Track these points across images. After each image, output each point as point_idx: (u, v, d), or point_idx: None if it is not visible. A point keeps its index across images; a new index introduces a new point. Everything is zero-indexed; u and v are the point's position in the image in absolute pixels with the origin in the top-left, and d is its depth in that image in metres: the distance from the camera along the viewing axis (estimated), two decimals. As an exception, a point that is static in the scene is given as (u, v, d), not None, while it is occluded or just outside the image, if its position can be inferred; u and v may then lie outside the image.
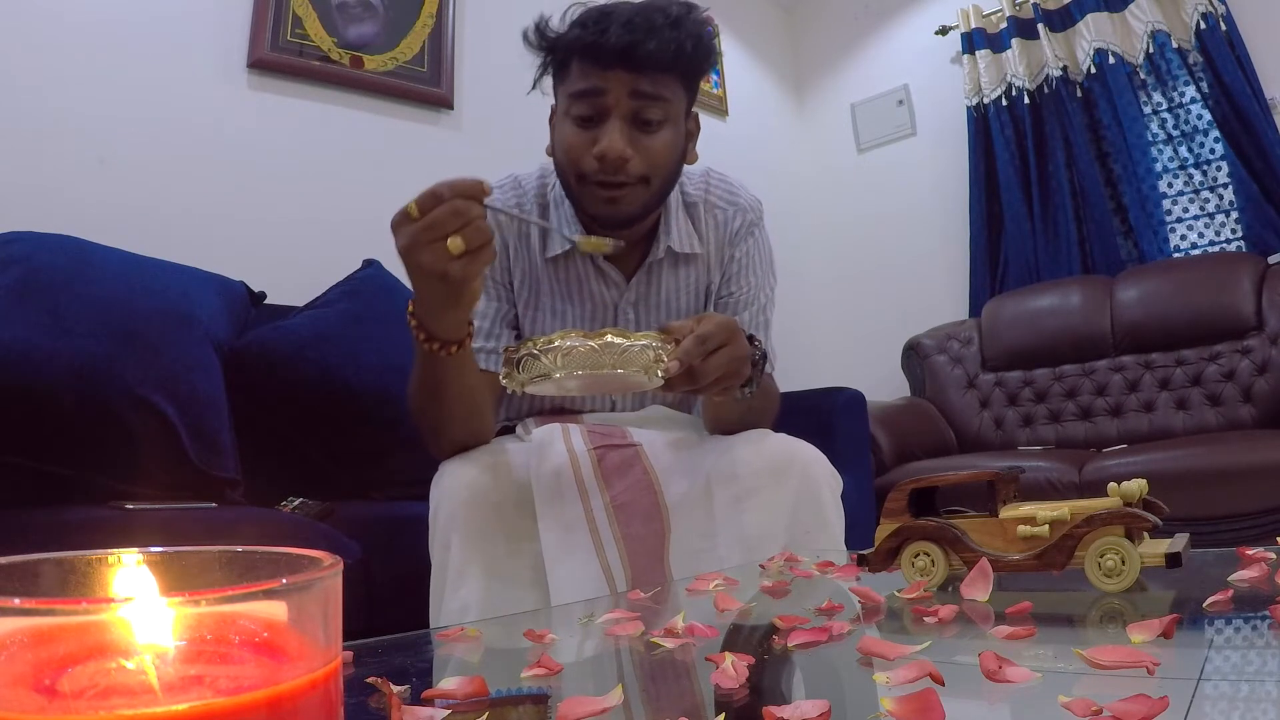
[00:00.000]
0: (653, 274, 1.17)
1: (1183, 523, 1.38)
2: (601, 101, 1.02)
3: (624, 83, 1.01)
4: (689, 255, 1.17)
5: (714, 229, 1.19)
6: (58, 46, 1.78)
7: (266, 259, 1.97)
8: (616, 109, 1.02)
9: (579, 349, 0.86)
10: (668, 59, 1.02)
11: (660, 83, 1.03)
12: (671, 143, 1.08)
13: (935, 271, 3.43)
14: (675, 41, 1.01)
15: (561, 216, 1.13)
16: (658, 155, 1.05)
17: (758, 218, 1.22)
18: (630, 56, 1.00)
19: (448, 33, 2.47)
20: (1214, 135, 2.83)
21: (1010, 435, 2.89)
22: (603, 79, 1.01)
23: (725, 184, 1.22)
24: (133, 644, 0.21)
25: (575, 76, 1.04)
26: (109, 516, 1.17)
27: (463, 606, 0.95)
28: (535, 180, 1.18)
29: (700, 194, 1.20)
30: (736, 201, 1.21)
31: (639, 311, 1.17)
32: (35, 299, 1.29)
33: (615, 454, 1.03)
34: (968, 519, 0.75)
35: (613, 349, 0.86)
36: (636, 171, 1.04)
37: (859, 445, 2.22)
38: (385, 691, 0.49)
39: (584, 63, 1.03)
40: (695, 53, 1.05)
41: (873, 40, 3.70)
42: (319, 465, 1.66)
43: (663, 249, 1.14)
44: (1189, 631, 0.54)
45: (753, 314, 1.20)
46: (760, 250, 1.22)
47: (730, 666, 0.50)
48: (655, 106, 1.04)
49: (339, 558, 0.25)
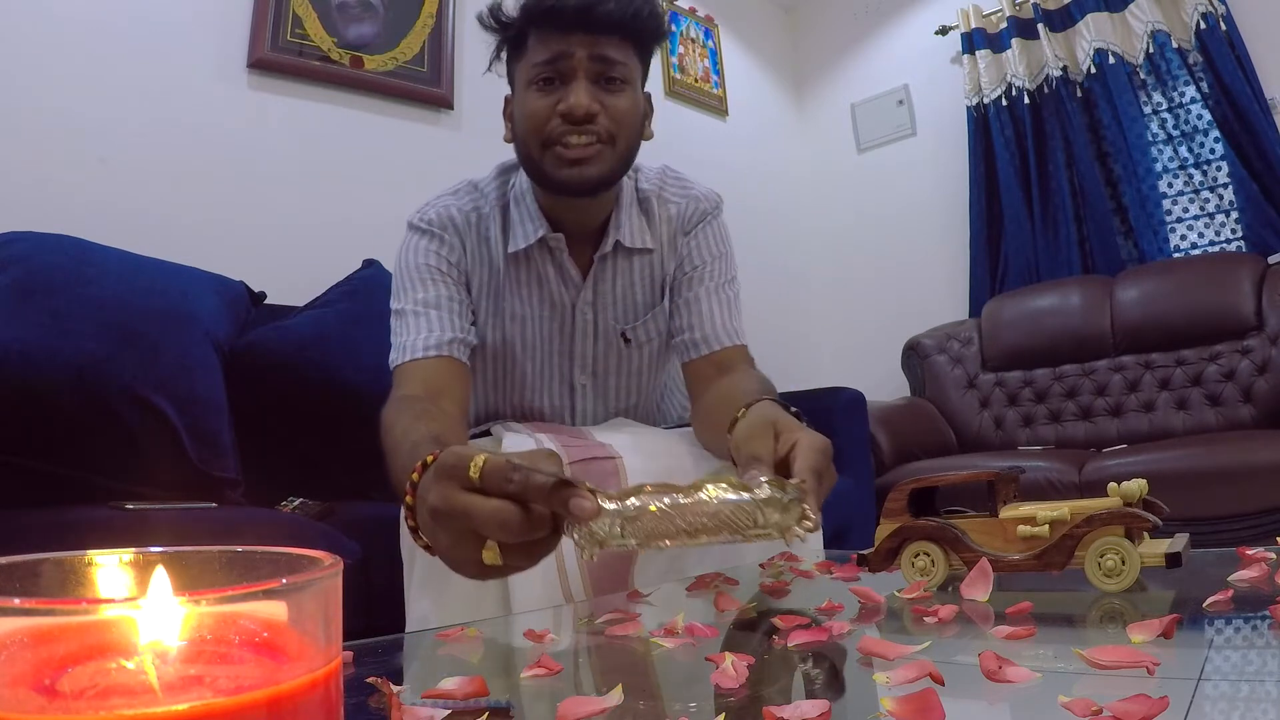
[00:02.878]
0: (606, 270, 1.15)
1: (1183, 523, 1.38)
2: (564, 65, 1.03)
3: (584, 44, 1.02)
4: (641, 250, 1.16)
5: (667, 222, 1.17)
6: (58, 46, 1.78)
7: (266, 259, 1.97)
8: (579, 69, 1.03)
9: (691, 508, 0.59)
10: (624, 20, 1.03)
11: (619, 47, 1.04)
12: (633, 107, 1.07)
13: (935, 271, 3.43)
14: (631, 6, 1.03)
15: (524, 213, 1.12)
16: (623, 114, 1.05)
17: (712, 207, 1.20)
18: (589, 17, 1.01)
19: (448, 33, 2.47)
20: (1214, 135, 2.83)
21: (1010, 435, 2.89)
22: (564, 42, 1.02)
23: (680, 180, 1.21)
24: (133, 644, 0.21)
25: (534, 47, 1.04)
26: (109, 516, 1.17)
27: (422, 617, 0.95)
28: (493, 182, 1.16)
29: (654, 189, 1.18)
30: (690, 194, 1.19)
31: (597, 311, 1.16)
32: (35, 299, 1.29)
33: (595, 466, 0.98)
34: (968, 519, 0.75)
35: (743, 511, 0.61)
36: (604, 127, 1.04)
37: (859, 445, 2.22)
38: (385, 691, 0.49)
39: (543, 31, 1.03)
40: (649, 18, 1.06)
41: (873, 40, 3.70)
42: (319, 465, 1.66)
43: (611, 243, 1.13)
44: (1189, 631, 0.54)
45: (709, 289, 1.15)
46: (715, 235, 1.19)
47: (730, 666, 0.50)
48: (616, 69, 1.04)
49: (339, 558, 0.25)
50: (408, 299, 1.09)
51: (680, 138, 2.95)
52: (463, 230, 1.12)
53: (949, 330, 3.15)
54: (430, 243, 1.11)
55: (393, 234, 2.33)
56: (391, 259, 1.16)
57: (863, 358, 3.44)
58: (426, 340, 1.06)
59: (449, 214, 1.12)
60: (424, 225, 1.12)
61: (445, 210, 1.12)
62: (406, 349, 1.06)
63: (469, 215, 1.13)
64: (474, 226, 1.13)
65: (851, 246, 3.68)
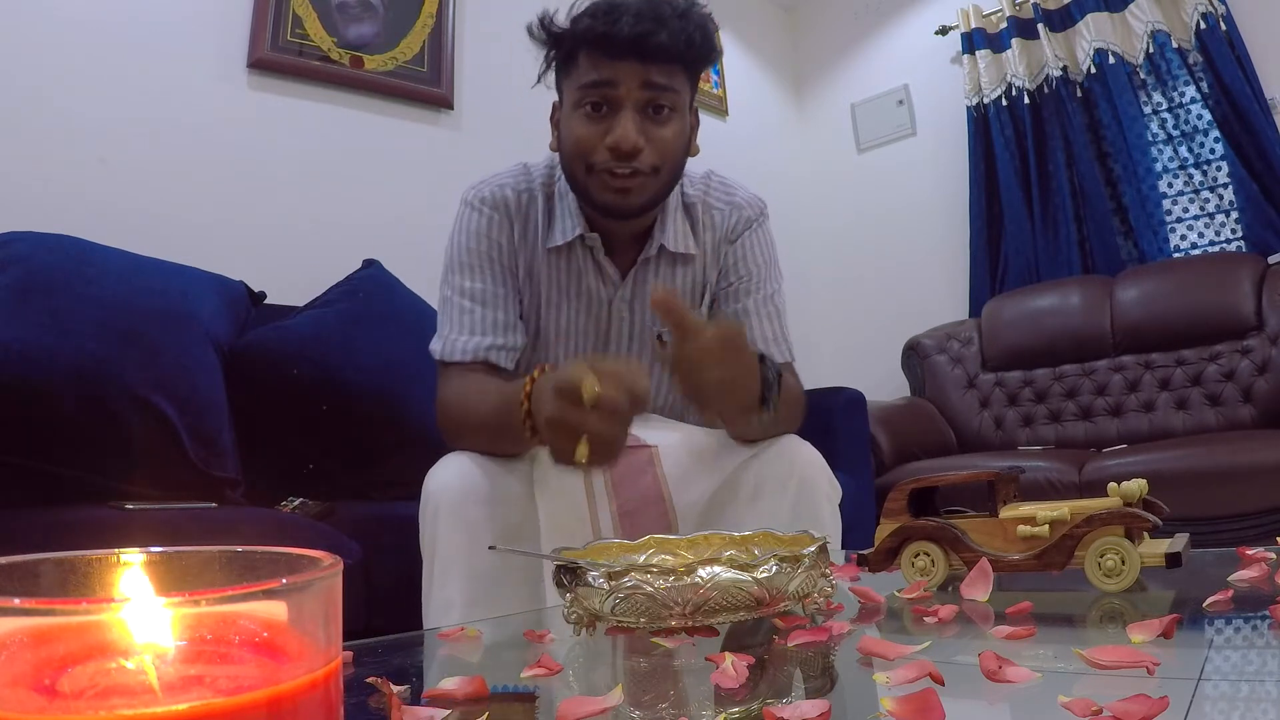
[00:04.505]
0: (648, 272, 1.16)
1: (1183, 523, 1.38)
2: (613, 92, 1.03)
3: (635, 73, 1.02)
4: (684, 255, 1.17)
5: (711, 229, 1.19)
6: (58, 46, 1.78)
7: (266, 259, 1.97)
8: (628, 99, 1.03)
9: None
10: (678, 50, 1.02)
11: (669, 74, 1.04)
12: (680, 133, 1.08)
13: (935, 271, 3.43)
14: (684, 33, 1.02)
15: (565, 208, 1.13)
16: (668, 145, 1.06)
17: (757, 214, 1.21)
18: (641, 47, 1.00)
19: (448, 33, 2.47)
20: (1214, 135, 2.83)
21: (1010, 435, 2.89)
22: (614, 70, 1.02)
23: (725, 186, 1.22)
24: (133, 644, 0.21)
25: (584, 68, 1.04)
26: (109, 516, 1.17)
27: (446, 603, 0.94)
28: (543, 170, 1.17)
29: (699, 195, 1.19)
30: (734, 201, 1.20)
31: (634, 309, 1.17)
32: (35, 299, 1.29)
33: (628, 457, 1.01)
34: (968, 519, 0.75)
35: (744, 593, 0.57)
36: (648, 162, 1.04)
37: (859, 445, 2.22)
38: (385, 691, 0.49)
39: (594, 54, 1.03)
40: (702, 45, 1.06)
41: (873, 40, 3.70)
42: (319, 465, 1.66)
43: (655, 246, 1.14)
44: (1189, 631, 0.54)
45: (758, 302, 1.17)
46: (761, 242, 1.20)
47: (730, 666, 0.50)
48: (665, 97, 1.04)
49: (339, 558, 0.25)
50: (455, 284, 1.12)
51: (680, 138, 2.95)
52: (514, 212, 1.14)
53: (949, 330, 3.15)
54: (481, 222, 1.12)
55: (393, 234, 2.34)
56: (391, 259, 1.16)
57: (863, 358, 3.44)
58: (466, 344, 1.08)
59: (503, 194, 1.13)
60: (477, 203, 1.13)
61: (500, 190, 1.14)
62: (447, 344, 1.09)
63: (521, 196, 1.14)
64: (524, 209, 1.14)
65: (851, 246, 3.67)
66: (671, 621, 0.58)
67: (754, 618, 0.61)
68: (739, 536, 0.76)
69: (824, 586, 0.63)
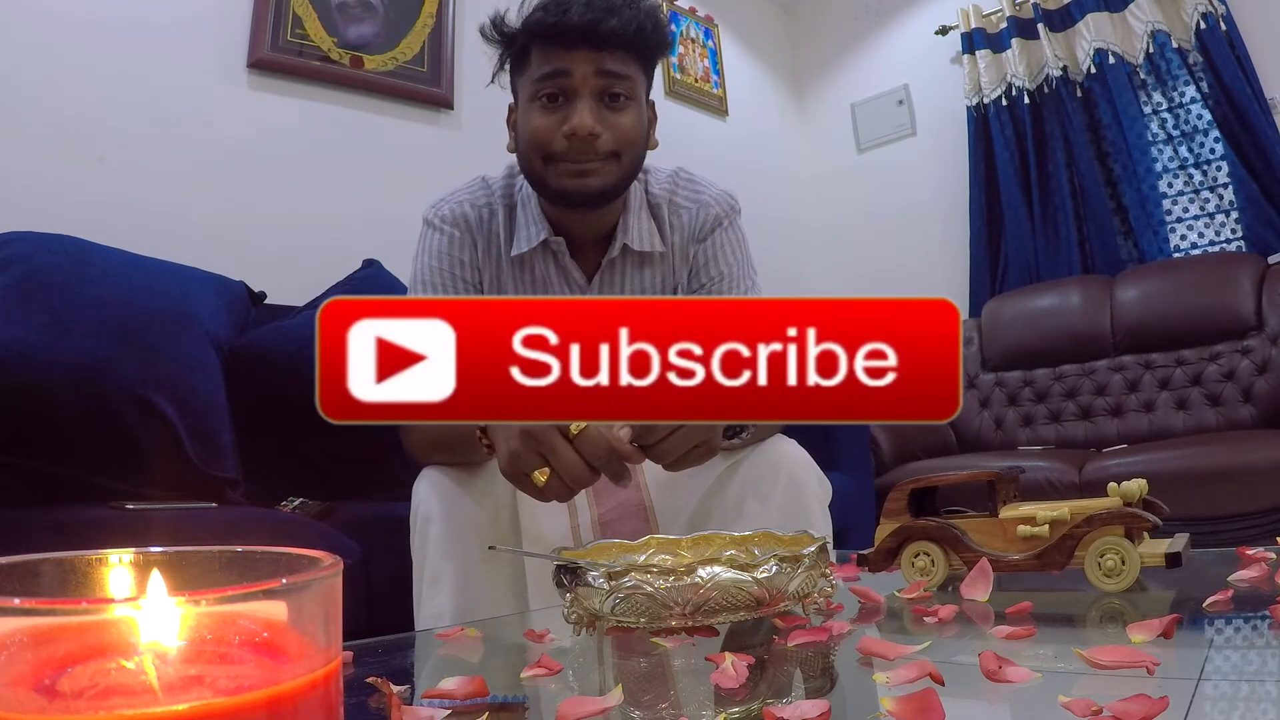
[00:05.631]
0: (614, 274, 1.15)
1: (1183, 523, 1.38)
2: (567, 82, 1.02)
3: (589, 61, 1.02)
4: (650, 254, 1.15)
5: (679, 228, 1.17)
6: (58, 47, 1.78)
7: (266, 259, 1.96)
8: (583, 88, 1.02)
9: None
10: (629, 36, 1.02)
11: (623, 61, 1.04)
12: (637, 122, 1.07)
13: (935, 272, 3.43)
14: (635, 21, 1.02)
15: (528, 215, 1.12)
16: (627, 132, 1.05)
17: (726, 211, 1.18)
18: (593, 35, 1.00)
19: (448, 33, 2.47)
20: (1214, 135, 2.83)
21: (1010, 435, 2.89)
22: (567, 59, 1.02)
23: (693, 183, 1.20)
24: (133, 644, 0.21)
25: (538, 62, 1.04)
26: (109, 516, 1.17)
27: (437, 613, 0.94)
28: (502, 181, 1.16)
29: (666, 193, 1.17)
30: (701, 199, 1.18)
31: None
32: (35, 299, 1.29)
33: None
34: (968, 519, 0.75)
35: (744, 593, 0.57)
36: (606, 148, 1.04)
37: (859, 445, 2.22)
38: (385, 691, 0.49)
39: (546, 46, 1.03)
40: (654, 33, 1.05)
41: (873, 40, 3.70)
42: (319, 465, 1.66)
43: (618, 247, 1.13)
44: (1189, 631, 0.54)
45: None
46: (731, 241, 1.18)
47: (730, 666, 0.50)
48: (620, 84, 1.04)
49: (339, 558, 0.25)
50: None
51: (680, 138, 2.94)
52: (475, 227, 1.13)
53: (949, 330, 3.15)
54: (443, 241, 1.12)
55: (393, 234, 2.33)
56: (391, 259, 1.16)
57: (863, 358, 3.44)
58: None
59: (462, 210, 1.13)
60: (437, 222, 1.13)
61: (459, 206, 1.13)
62: None
63: (481, 211, 1.13)
64: (485, 223, 1.14)
65: (851, 246, 3.67)
66: (671, 621, 0.58)
67: (754, 618, 0.61)
68: (739, 536, 0.76)
69: (824, 586, 0.64)
